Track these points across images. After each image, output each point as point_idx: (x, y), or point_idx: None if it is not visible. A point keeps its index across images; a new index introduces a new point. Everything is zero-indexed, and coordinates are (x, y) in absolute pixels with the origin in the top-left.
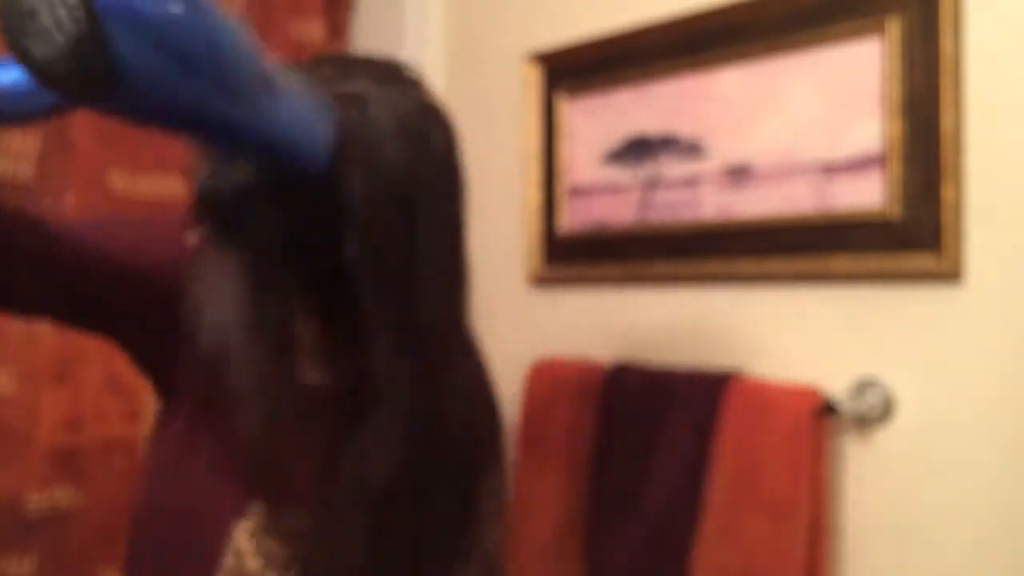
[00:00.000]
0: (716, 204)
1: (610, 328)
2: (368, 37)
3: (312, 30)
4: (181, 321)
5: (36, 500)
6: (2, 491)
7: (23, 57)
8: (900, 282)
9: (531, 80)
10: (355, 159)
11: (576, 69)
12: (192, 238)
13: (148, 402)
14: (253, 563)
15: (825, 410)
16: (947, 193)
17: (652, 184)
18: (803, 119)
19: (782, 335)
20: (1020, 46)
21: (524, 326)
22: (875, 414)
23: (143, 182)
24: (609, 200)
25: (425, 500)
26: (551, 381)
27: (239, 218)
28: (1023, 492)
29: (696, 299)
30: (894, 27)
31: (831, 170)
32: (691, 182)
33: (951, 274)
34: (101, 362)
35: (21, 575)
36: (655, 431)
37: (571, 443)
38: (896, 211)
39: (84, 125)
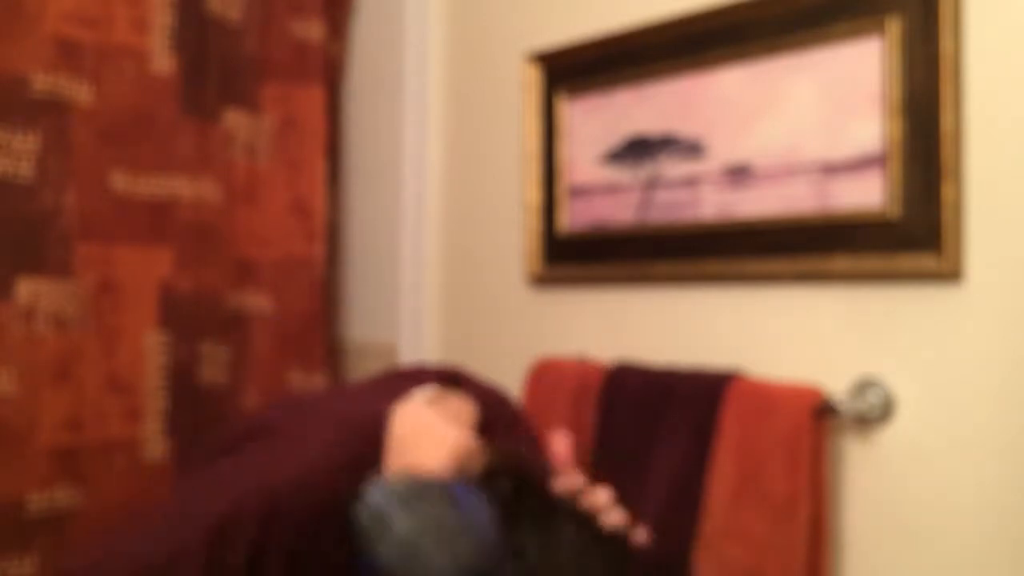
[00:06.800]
0: (716, 204)
1: (610, 328)
2: (368, 37)
3: (312, 30)
4: None
5: (36, 500)
6: (2, 491)
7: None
8: (900, 282)
9: (531, 80)
10: None
11: (576, 69)
12: None
13: (148, 402)
14: None
15: (825, 410)
16: (947, 193)
17: (652, 184)
18: (803, 119)
19: (782, 335)
20: (1020, 46)
21: (524, 326)
22: (875, 414)
23: (143, 182)
24: (609, 200)
25: None
26: (551, 381)
27: None
28: (1023, 492)
29: (696, 299)
30: (894, 27)
31: (831, 170)
32: (691, 182)
33: (951, 274)
34: (101, 362)
35: (21, 575)
36: (655, 431)
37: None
38: (896, 211)
39: (84, 125)
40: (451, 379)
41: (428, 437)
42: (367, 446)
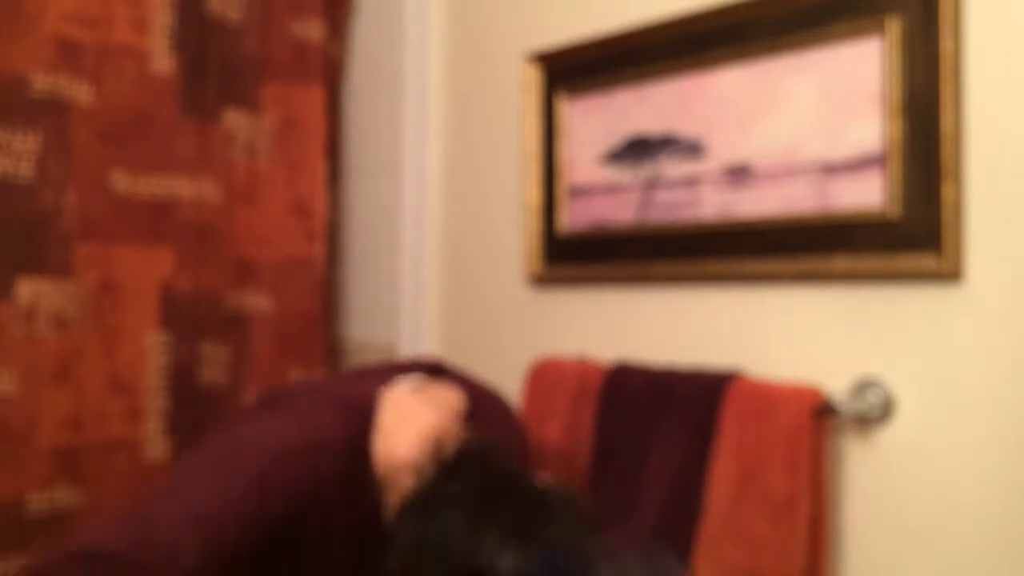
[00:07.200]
0: (716, 204)
1: (610, 328)
2: (368, 37)
3: (312, 30)
4: None
5: (36, 500)
6: (2, 491)
7: None
8: (900, 282)
9: (531, 80)
10: None
11: (576, 69)
12: None
13: (149, 402)
14: None
15: (825, 410)
16: (947, 193)
17: (652, 184)
18: (803, 119)
19: (782, 335)
20: (1020, 46)
21: (524, 326)
22: (875, 414)
23: (143, 182)
24: (609, 200)
25: None
26: (551, 381)
27: None
28: (1023, 492)
29: (696, 299)
30: (894, 27)
31: (831, 170)
32: (691, 182)
33: (951, 274)
34: (102, 362)
35: None
36: (655, 431)
37: (571, 443)
38: (896, 211)
39: (84, 125)
40: (436, 371)
41: (406, 419)
42: (358, 426)
